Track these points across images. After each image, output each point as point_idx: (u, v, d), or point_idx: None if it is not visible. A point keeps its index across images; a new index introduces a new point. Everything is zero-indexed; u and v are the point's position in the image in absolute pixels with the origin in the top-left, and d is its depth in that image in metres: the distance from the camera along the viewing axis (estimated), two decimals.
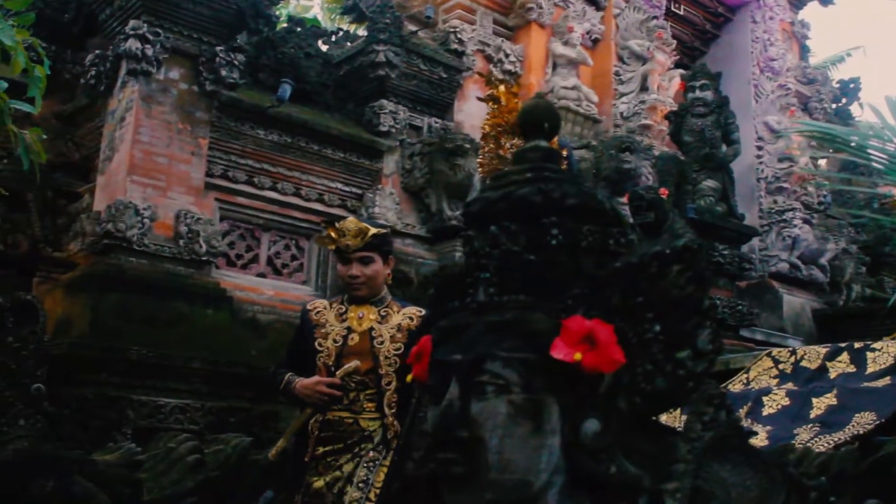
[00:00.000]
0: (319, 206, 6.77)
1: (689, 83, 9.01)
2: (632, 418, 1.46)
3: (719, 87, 9.10)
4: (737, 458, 1.49)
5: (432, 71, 7.63)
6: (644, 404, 1.46)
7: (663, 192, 7.28)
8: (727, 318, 8.01)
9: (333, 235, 3.35)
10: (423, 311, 3.38)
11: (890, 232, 10.26)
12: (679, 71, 9.47)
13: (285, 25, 7.35)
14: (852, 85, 11.99)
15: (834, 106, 11.55)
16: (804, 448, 3.55)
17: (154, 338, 5.26)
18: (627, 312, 1.46)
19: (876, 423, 3.77)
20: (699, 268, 1.47)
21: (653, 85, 8.94)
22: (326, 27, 9.19)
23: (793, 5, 11.45)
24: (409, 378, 1.66)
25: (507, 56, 8.32)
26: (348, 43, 7.77)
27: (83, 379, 4.96)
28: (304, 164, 6.74)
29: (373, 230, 3.36)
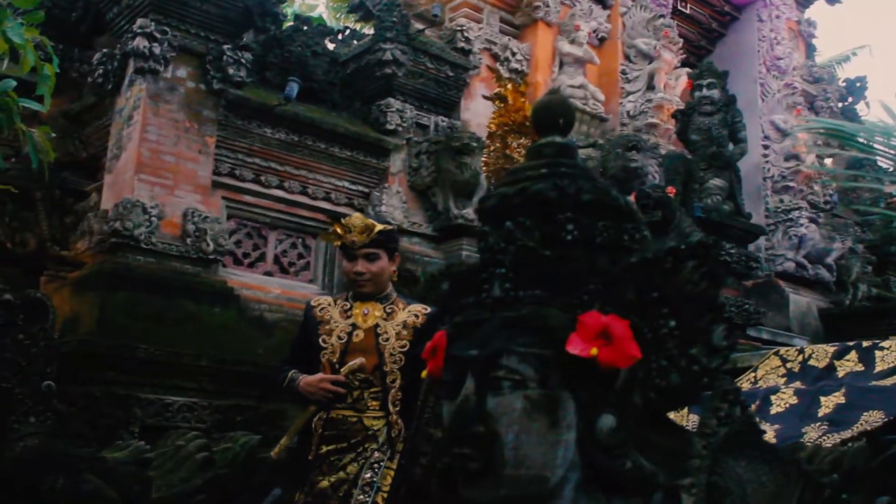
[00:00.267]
0: (326, 205, 6.76)
1: (696, 81, 8.98)
2: (646, 414, 1.46)
3: (726, 86, 9.07)
4: (752, 454, 1.49)
5: (439, 69, 7.62)
6: (659, 400, 1.46)
7: (670, 191, 7.25)
8: (734, 318, 7.99)
9: (339, 231, 3.34)
10: (429, 309, 3.37)
11: None
12: (686, 69, 9.43)
13: (292, 24, 7.34)
14: (859, 84, 11.93)
15: (840, 105, 11.49)
16: (814, 446, 3.54)
17: (161, 336, 5.26)
18: (642, 308, 1.46)
19: (883, 421, 3.76)
20: (713, 264, 1.47)
21: (659, 83, 8.91)
22: (332, 26, 9.16)
23: (799, 4, 11.41)
24: (424, 374, 1.66)
25: (514, 54, 8.31)
26: (355, 41, 7.76)
27: (91, 377, 4.96)
28: (311, 163, 6.73)
29: (379, 226, 3.35)
